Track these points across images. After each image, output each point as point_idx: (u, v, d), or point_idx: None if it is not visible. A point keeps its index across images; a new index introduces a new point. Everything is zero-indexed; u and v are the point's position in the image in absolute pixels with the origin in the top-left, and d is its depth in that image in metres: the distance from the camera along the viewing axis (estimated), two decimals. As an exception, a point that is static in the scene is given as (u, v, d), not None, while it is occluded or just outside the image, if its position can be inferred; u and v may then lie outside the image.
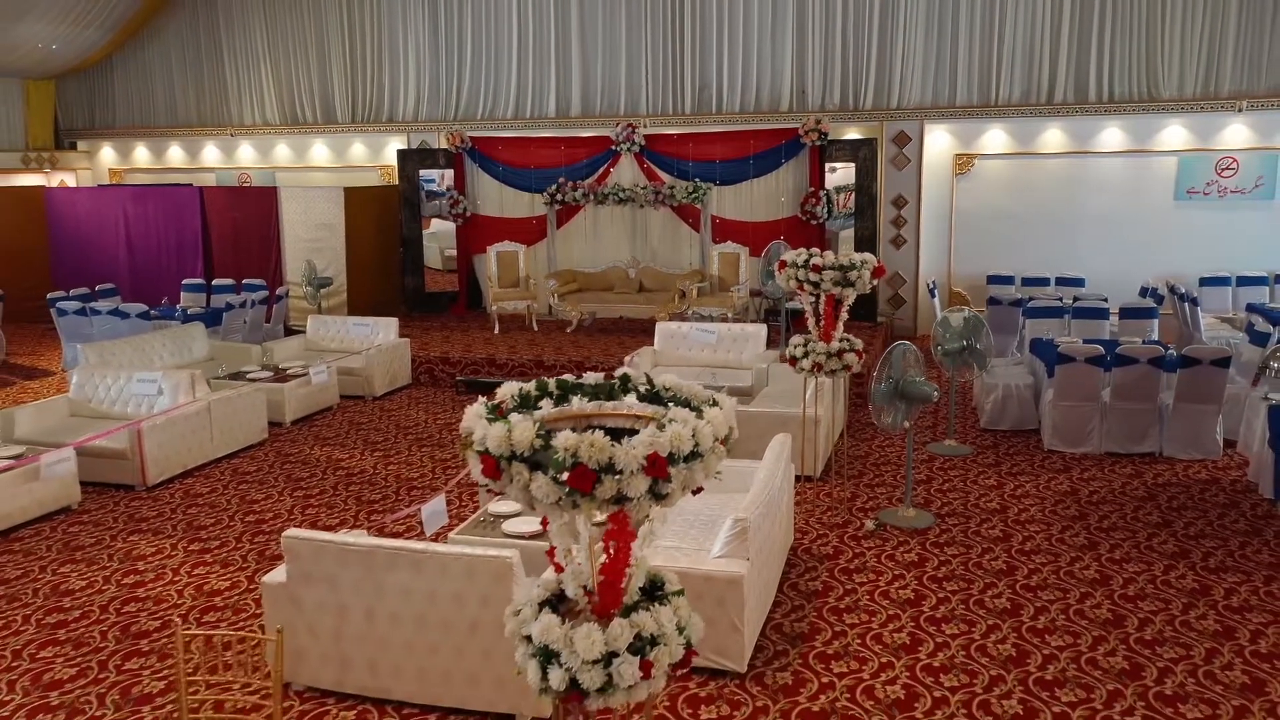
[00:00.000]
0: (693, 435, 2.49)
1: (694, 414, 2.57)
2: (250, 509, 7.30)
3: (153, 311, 11.60)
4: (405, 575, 4.42)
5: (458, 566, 4.36)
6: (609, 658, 2.61)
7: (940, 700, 4.59)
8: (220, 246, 14.44)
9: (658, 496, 2.49)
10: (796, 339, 7.30)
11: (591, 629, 2.60)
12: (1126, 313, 10.71)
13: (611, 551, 2.65)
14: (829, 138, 12.77)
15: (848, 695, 4.64)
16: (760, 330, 9.81)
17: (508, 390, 2.80)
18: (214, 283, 13.57)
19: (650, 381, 2.86)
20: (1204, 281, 12.48)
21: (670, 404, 2.75)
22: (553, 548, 2.74)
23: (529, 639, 2.71)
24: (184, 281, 13.73)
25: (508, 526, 5.48)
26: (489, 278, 13.21)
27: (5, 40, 14.95)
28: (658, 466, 2.43)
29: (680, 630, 2.73)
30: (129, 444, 7.62)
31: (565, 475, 2.40)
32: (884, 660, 4.96)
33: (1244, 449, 8.12)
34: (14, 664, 5.05)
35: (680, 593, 2.84)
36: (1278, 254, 12.49)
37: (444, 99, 15.22)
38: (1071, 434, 8.42)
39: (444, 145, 14.29)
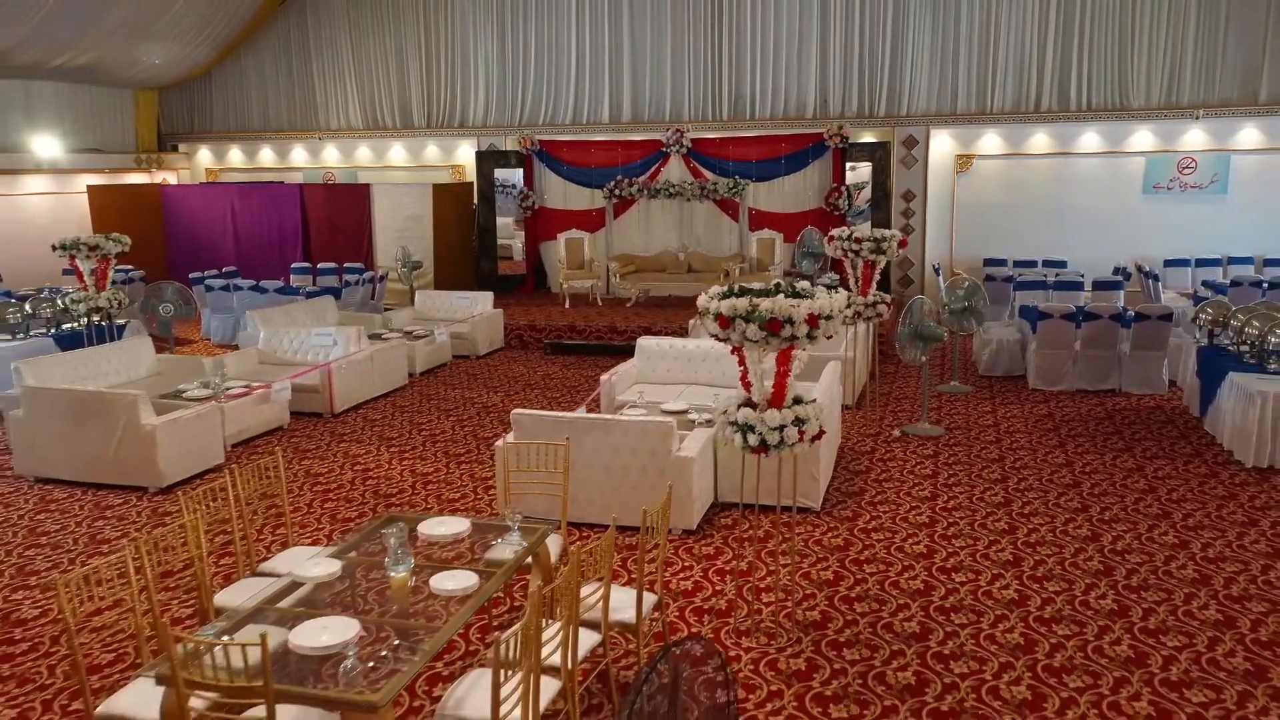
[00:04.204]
0: (829, 305, 4.71)
1: (827, 296, 4.80)
2: (420, 428, 9.53)
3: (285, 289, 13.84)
4: (598, 436, 6.64)
5: (635, 430, 6.59)
6: (780, 429, 4.83)
7: (952, 522, 6.83)
8: (318, 236, 16.65)
9: (810, 338, 4.71)
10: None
11: (773, 412, 4.83)
12: (1098, 285, 12.96)
13: (780, 372, 4.89)
14: (849, 141, 15.01)
15: (890, 522, 6.88)
16: (799, 299, 12.01)
17: (714, 289, 5.01)
18: (319, 266, 15.78)
19: (792, 285, 5.08)
20: (1168, 263, 14.72)
21: (804, 297, 4.96)
22: (745, 372, 4.95)
23: (734, 423, 4.93)
24: (292, 265, 15.94)
25: (642, 422, 7.68)
26: (559, 260, 15.43)
27: (127, 58, 17.16)
28: (813, 320, 4.65)
29: (816, 418, 4.96)
30: (321, 381, 9.85)
31: (765, 324, 4.62)
32: (914, 505, 7.20)
33: (1183, 384, 10.37)
34: (310, 510, 7.28)
35: (815, 401, 5.06)
36: (1229, 240, 14.76)
37: (510, 106, 17.43)
38: (1050, 376, 10.67)
39: (514, 147, 16.53)
